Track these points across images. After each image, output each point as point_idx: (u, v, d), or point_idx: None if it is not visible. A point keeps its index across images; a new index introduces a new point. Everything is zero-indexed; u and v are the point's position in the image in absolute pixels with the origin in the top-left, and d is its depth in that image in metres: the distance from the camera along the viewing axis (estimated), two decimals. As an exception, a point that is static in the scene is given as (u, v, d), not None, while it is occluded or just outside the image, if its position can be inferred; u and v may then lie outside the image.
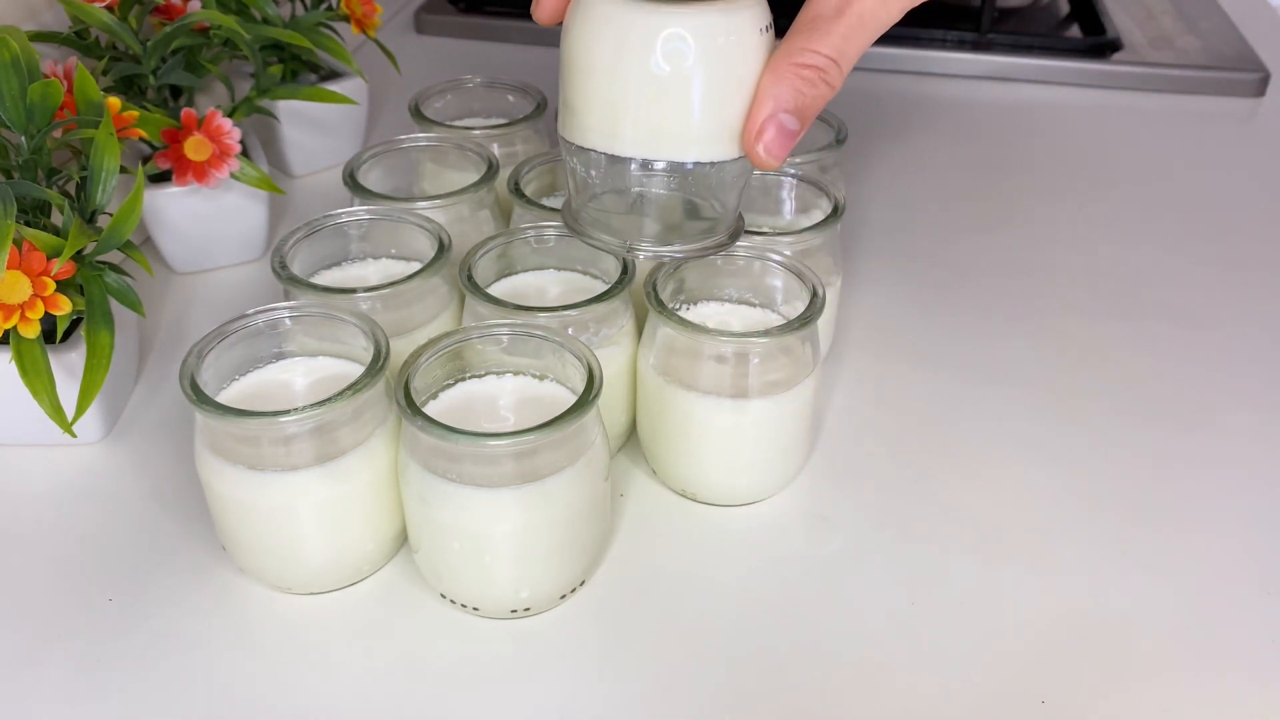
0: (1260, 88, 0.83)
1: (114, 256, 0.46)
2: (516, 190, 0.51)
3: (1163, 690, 0.39)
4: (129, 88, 0.59)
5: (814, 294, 0.44)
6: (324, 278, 0.50)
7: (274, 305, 0.43)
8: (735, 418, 0.44)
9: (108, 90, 0.55)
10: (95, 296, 0.45)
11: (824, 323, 0.53)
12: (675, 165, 0.39)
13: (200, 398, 0.38)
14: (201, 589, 0.43)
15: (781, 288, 0.47)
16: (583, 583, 0.43)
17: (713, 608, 0.42)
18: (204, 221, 0.59)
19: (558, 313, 0.43)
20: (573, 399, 0.39)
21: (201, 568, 0.44)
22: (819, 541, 0.45)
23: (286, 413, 0.38)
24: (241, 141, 0.55)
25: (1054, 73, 0.85)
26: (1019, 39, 0.87)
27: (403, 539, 0.44)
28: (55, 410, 0.44)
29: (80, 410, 0.44)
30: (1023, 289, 0.61)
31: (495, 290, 0.48)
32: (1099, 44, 0.86)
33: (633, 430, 0.49)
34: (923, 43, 0.86)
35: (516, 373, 0.44)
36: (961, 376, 0.54)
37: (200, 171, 0.54)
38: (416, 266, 0.47)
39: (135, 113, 0.49)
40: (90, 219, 0.46)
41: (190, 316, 0.58)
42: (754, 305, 0.48)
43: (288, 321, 0.44)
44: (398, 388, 0.39)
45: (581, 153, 0.40)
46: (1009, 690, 0.39)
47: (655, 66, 0.37)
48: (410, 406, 0.38)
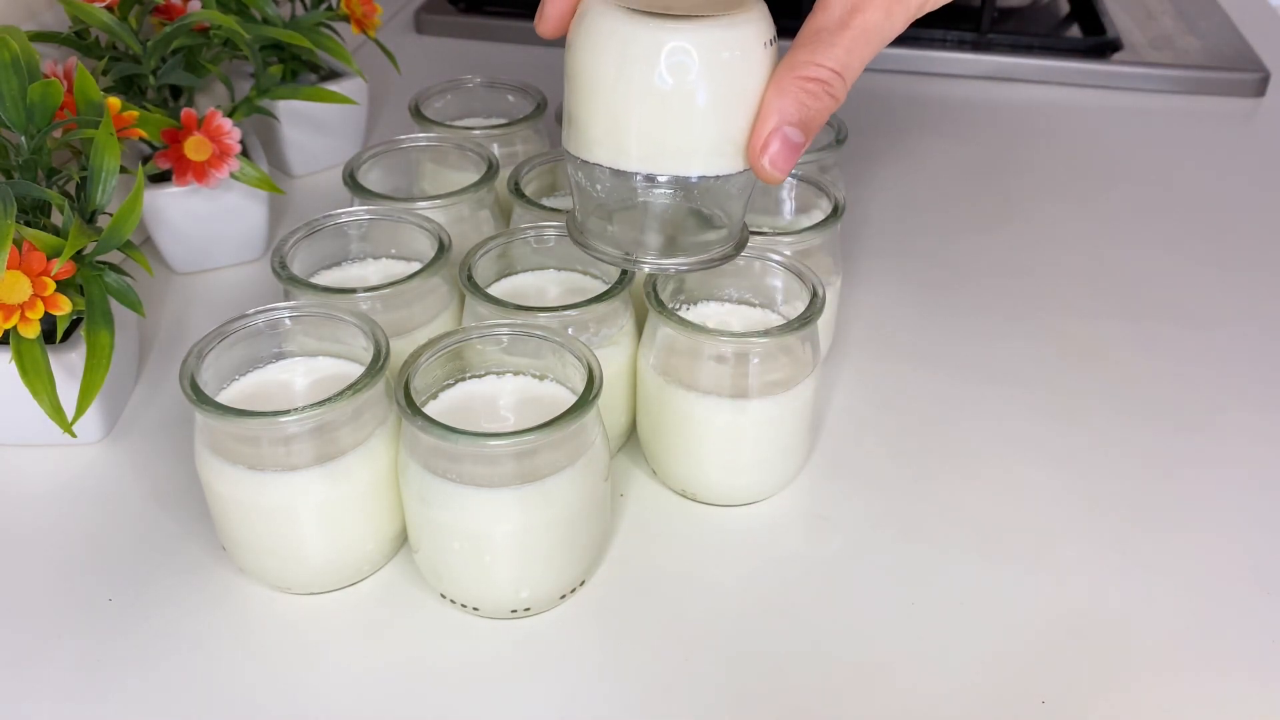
0: (1260, 88, 0.83)
1: (114, 256, 0.46)
2: (516, 190, 0.51)
3: (1163, 690, 0.39)
4: (129, 88, 0.59)
5: (814, 294, 0.44)
6: (324, 278, 0.50)
7: (274, 305, 0.43)
8: (735, 418, 0.44)
9: (108, 90, 0.55)
10: (95, 296, 0.45)
11: (824, 323, 0.53)
12: (680, 179, 0.39)
13: (200, 398, 0.38)
14: (201, 589, 0.43)
15: (781, 288, 0.47)
16: (583, 583, 0.43)
17: (713, 608, 0.42)
18: (204, 221, 0.59)
19: (558, 313, 0.43)
20: (573, 399, 0.39)
21: (201, 568, 0.44)
22: (819, 541, 0.45)
23: (286, 413, 0.38)
24: (241, 141, 0.55)
25: (1054, 73, 0.85)
26: (1019, 39, 0.87)
27: (403, 539, 0.44)
28: (55, 410, 0.44)
29: (80, 410, 0.44)
30: (1023, 289, 0.61)
31: (495, 290, 0.48)
32: (1099, 44, 0.86)
33: (633, 430, 0.49)
34: (923, 43, 0.86)
35: (516, 373, 0.44)
36: (961, 376, 0.54)
37: (200, 171, 0.54)
38: (416, 266, 0.48)
39: (135, 113, 0.49)
40: (90, 219, 0.46)
41: (190, 316, 0.58)
42: (754, 305, 0.48)
43: (288, 321, 0.44)
44: (398, 388, 0.39)
45: (586, 167, 0.40)
46: (1009, 690, 0.39)
47: (659, 81, 0.37)
48: (410, 406, 0.38)
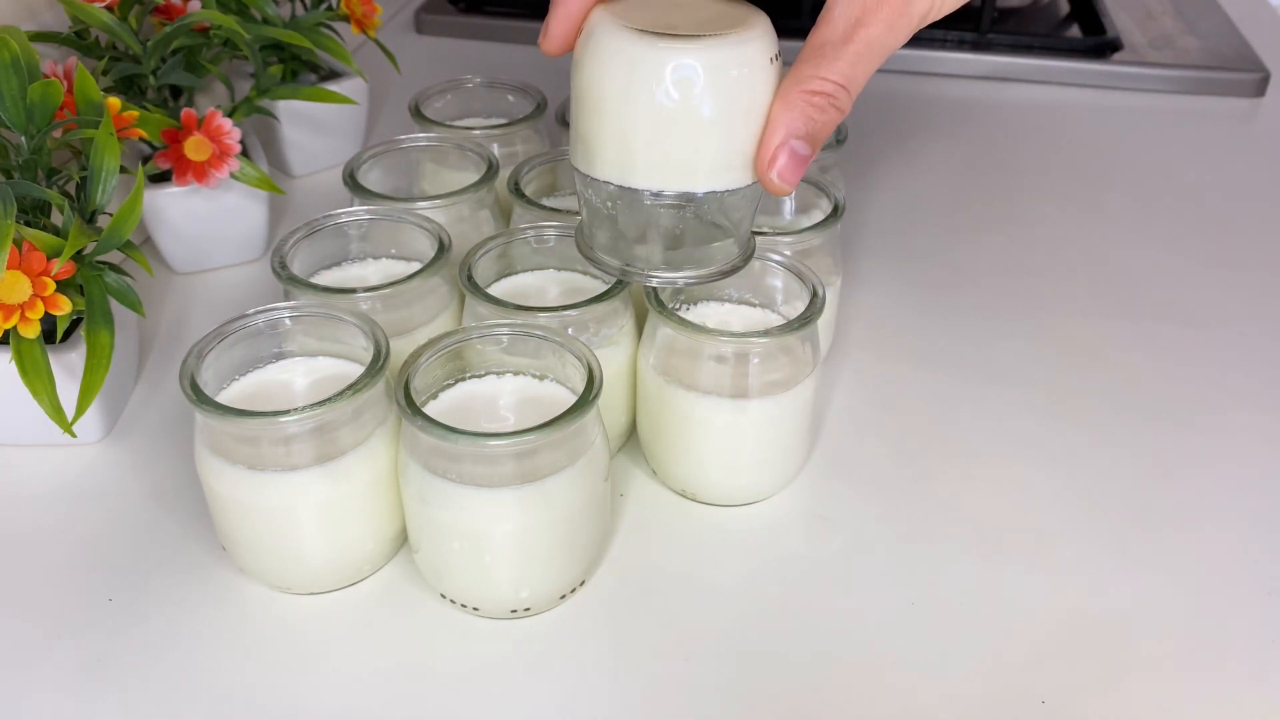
0: (1260, 88, 0.83)
1: (114, 256, 0.46)
2: (516, 190, 0.51)
3: (1163, 690, 0.39)
4: (129, 88, 0.59)
5: (814, 294, 0.44)
6: (324, 278, 0.50)
7: (274, 305, 0.43)
8: (735, 418, 0.44)
9: (108, 90, 0.55)
10: (95, 296, 0.45)
11: (824, 323, 0.53)
12: (688, 194, 0.39)
13: (200, 398, 0.38)
14: (201, 589, 0.43)
15: (781, 288, 0.47)
16: (583, 583, 0.43)
17: (713, 608, 0.42)
18: (204, 221, 0.59)
19: (558, 313, 0.43)
20: (573, 399, 0.39)
21: (201, 568, 0.44)
22: (819, 541, 0.45)
23: (286, 413, 0.38)
24: (241, 141, 0.55)
25: (1054, 73, 0.85)
26: (1019, 39, 0.87)
27: (403, 539, 0.44)
28: (55, 410, 0.44)
29: (80, 410, 0.44)
30: (1023, 289, 0.61)
31: (495, 290, 0.48)
32: (1099, 44, 0.86)
33: (633, 430, 0.49)
34: (923, 43, 0.86)
35: (516, 373, 0.44)
36: (961, 376, 0.54)
37: (200, 171, 0.54)
38: (416, 266, 0.48)
39: (135, 113, 0.49)
40: (90, 219, 0.46)
41: (190, 316, 0.58)
42: (754, 305, 0.48)
43: (288, 321, 0.44)
44: (398, 388, 0.39)
45: (595, 183, 0.40)
46: (1009, 690, 0.39)
47: (667, 100, 0.37)
48: (410, 406, 0.38)
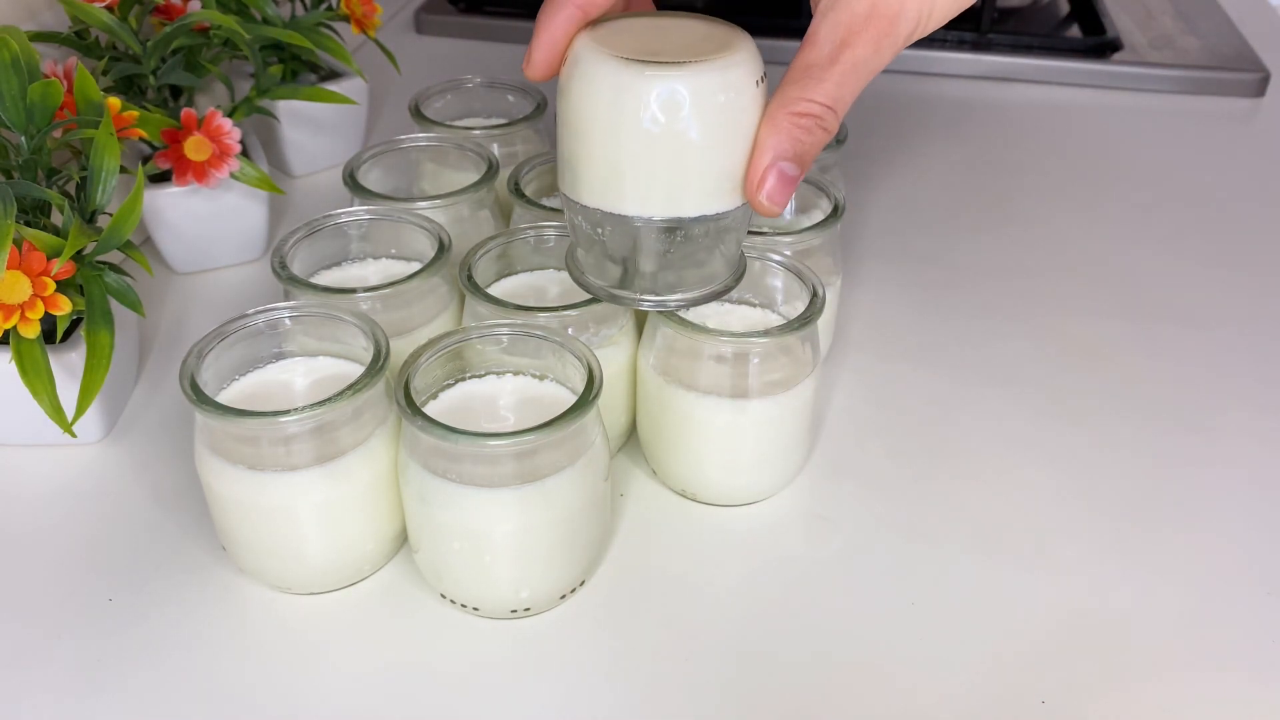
0: (1260, 88, 0.83)
1: (114, 256, 0.46)
2: (516, 190, 0.51)
3: (1163, 690, 0.39)
4: (129, 88, 0.59)
5: (814, 294, 0.44)
6: (324, 278, 0.50)
7: (274, 305, 0.43)
8: (735, 418, 0.44)
9: (108, 90, 0.55)
10: (95, 296, 0.45)
11: (824, 323, 0.53)
12: (677, 220, 0.39)
13: (200, 398, 0.38)
14: (201, 589, 0.43)
15: (781, 288, 0.47)
16: (583, 583, 0.43)
17: (713, 608, 0.42)
18: (204, 221, 0.59)
19: (558, 313, 0.43)
20: (573, 399, 0.39)
21: (201, 568, 0.44)
22: (819, 542, 0.45)
23: (286, 413, 0.38)
24: (241, 141, 0.55)
25: (1054, 73, 0.85)
26: (1019, 39, 0.87)
27: (403, 539, 0.44)
28: (55, 410, 0.44)
29: (80, 410, 0.44)
30: (1022, 289, 0.61)
31: (495, 290, 0.48)
32: (1099, 44, 0.86)
33: (633, 430, 0.49)
34: (923, 43, 0.86)
35: (516, 373, 0.44)
36: (961, 376, 0.54)
37: (200, 171, 0.54)
38: (416, 266, 0.48)
39: (135, 113, 0.49)
40: (90, 219, 0.46)
41: (190, 316, 0.58)
42: (754, 305, 0.48)
43: (288, 321, 0.44)
44: (398, 388, 0.39)
45: (584, 210, 0.40)
46: (1009, 690, 0.39)
47: (653, 126, 0.37)
48: (410, 406, 0.38)
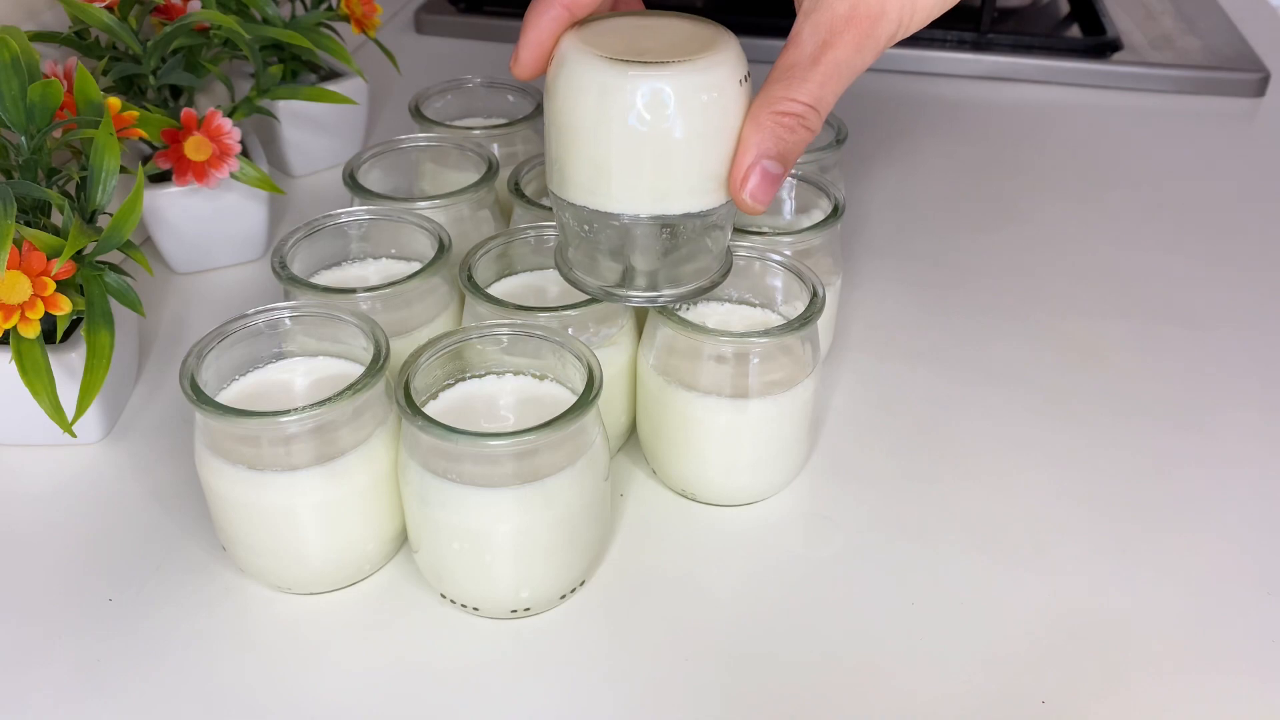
0: (1260, 88, 0.83)
1: (114, 256, 0.46)
2: (516, 190, 0.51)
3: (1163, 690, 0.39)
4: (129, 88, 0.59)
5: (814, 294, 0.44)
6: (324, 278, 0.50)
7: (274, 305, 0.43)
8: (735, 418, 0.44)
9: (108, 90, 0.55)
10: (95, 296, 0.45)
11: (824, 323, 0.53)
12: (663, 217, 0.40)
13: (200, 398, 0.38)
14: (201, 589, 0.43)
15: (781, 288, 0.47)
16: (583, 583, 0.43)
17: (713, 608, 0.42)
18: (204, 221, 0.59)
19: (558, 313, 0.43)
20: (573, 399, 0.39)
21: (201, 568, 0.44)
22: (819, 542, 0.45)
23: (286, 413, 0.38)
24: (241, 141, 0.55)
25: (1054, 73, 0.85)
26: (1019, 39, 0.87)
27: (403, 539, 0.44)
28: (55, 410, 0.44)
29: (80, 410, 0.44)
30: (1023, 289, 0.61)
31: (495, 290, 0.48)
32: (1099, 44, 0.86)
33: (633, 430, 0.49)
34: (923, 43, 0.86)
35: (516, 373, 0.44)
36: (961, 376, 0.54)
37: (200, 171, 0.54)
38: (416, 266, 0.48)
39: (135, 113, 0.49)
40: (90, 219, 0.46)
41: (190, 316, 0.58)
42: (754, 305, 0.48)
43: (288, 321, 0.44)
44: (398, 388, 0.39)
45: (572, 208, 0.41)
46: (1009, 690, 0.39)
47: (639, 125, 0.37)
48: (410, 406, 0.38)
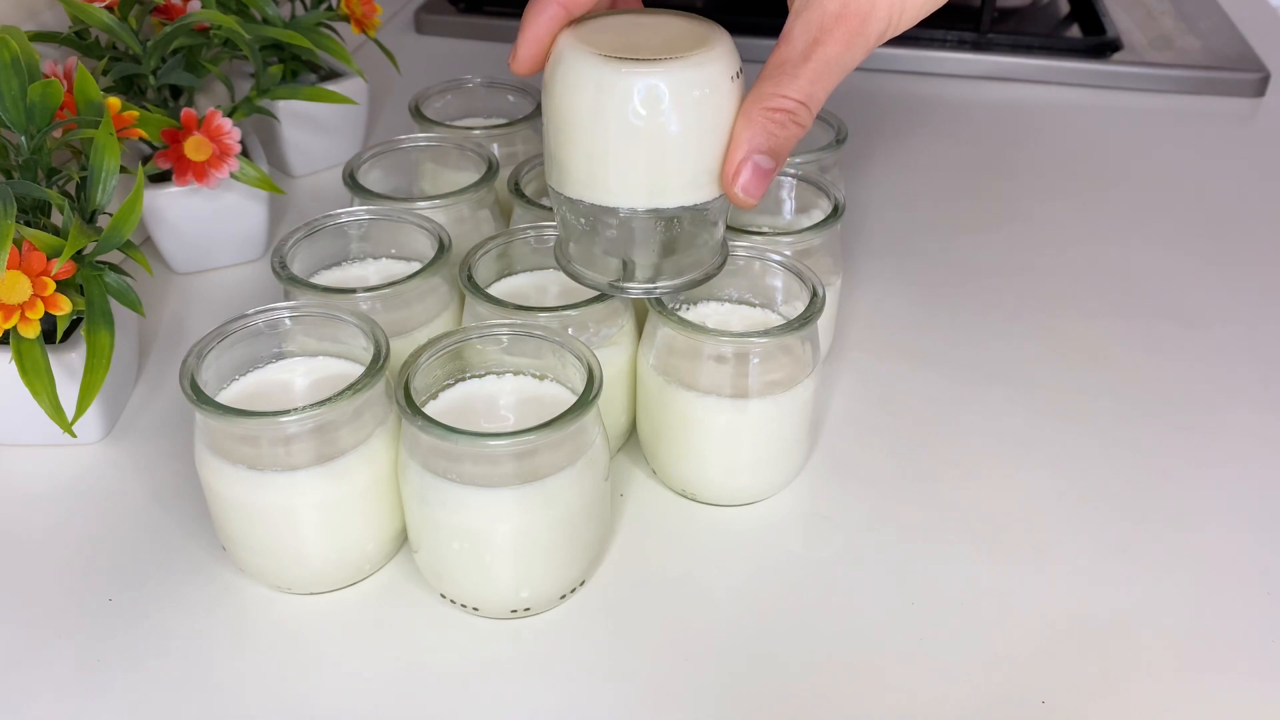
0: (1260, 88, 0.83)
1: (114, 256, 0.46)
2: (516, 190, 0.51)
3: (1163, 690, 0.39)
4: (129, 88, 0.59)
5: (814, 294, 0.44)
6: (324, 278, 0.50)
7: (274, 305, 0.43)
8: (735, 418, 0.44)
9: (108, 90, 0.55)
10: (95, 296, 0.45)
11: (824, 323, 0.53)
12: (658, 210, 0.40)
13: (200, 398, 0.38)
14: (201, 589, 0.43)
15: (781, 288, 0.47)
16: (583, 583, 0.43)
17: (713, 608, 0.42)
18: (204, 221, 0.59)
19: (558, 313, 0.43)
20: (573, 399, 0.39)
21: (201, 568, 0.44)
22: (819, 542, 0.45)
23: (286, 413, 0.38)
24: (241, 141, 0.55)
25: (1054, 73, 0.85)
26: (1019, 39, 0.87)
27: (403, 539, 0.44)
28: (55, 410, 0.44)
29: (80, 410, 0.44)
30: (1022, 289, 0.61)
31: (495, 290, 0.48)
32: (1099, 44, 0.86)
33: (633, 430, 0.49)
34: (923, 43, 0.86)
35: (516, 373, 0.44)
36: (961, 376, 0.54)
37: (200, 171, 0.54)
38: (416, 266, 0.48)
39: (135, 113, 0.49)
40: (90, 219, 0.46)
41: (190, 316, 0.58)
42: (754, 305, 0.48)
43: (288, 321, 0.44)
44: (398, 388, 0.39)
45: (570, 202, 0.41)
46: (1009, 690, 0.39)
47: (634, 121, 0.38)
48: (410, 406, 0.38)
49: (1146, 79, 0.84)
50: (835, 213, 0.50)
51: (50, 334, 0.46)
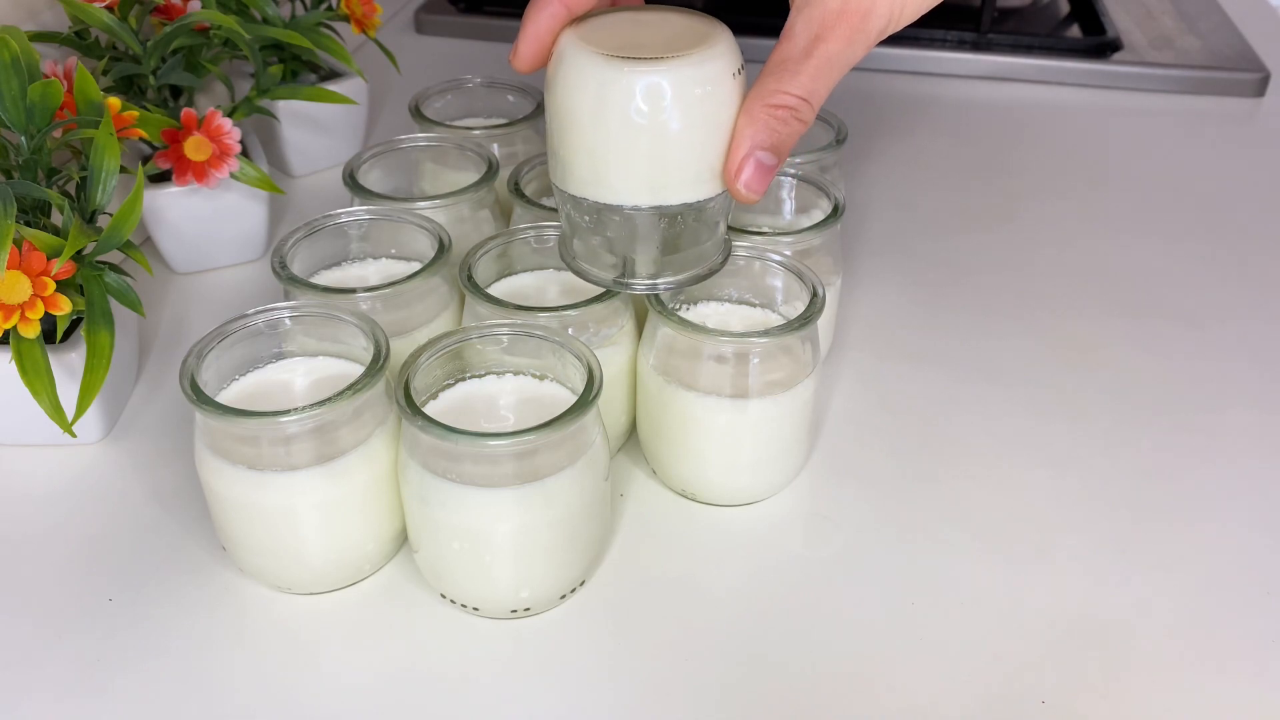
0: (1260, 88, 0.83)
1: (114, 256, 0.46)
2: (516, 190, 0.51)
3: (1163, 690, 0.39)
4: (129, 88, 0.59)
5: (814, 294, 0.44)
6: (324, 278, 0.50)
7: (274, 305, 0.43)
8: (735, 418, 0.44)
9: (108, 90, 0.55)
10: (95, 296, 0.45)
11: (824, 323, 0.53)
12: (661, 207, 0.40)
13: (200, 398, 0.38)
14: (201, 589, 0.43)
15: (781, 288, 0.47)
16: (583, 583, 0.43)
17: (713, 608, 0.42)
18: (204, 221, 0.59)
19: (558, 313, 0.43)
20: (573, 399, 0.39)
21: (201, 568, 0.44)
22: (819, 542, 0.45)
23: (286, 413, 0.38)
24: (241, 141, 0.55)
25: (1054, 73, 0.85)
26: (1019, 39, 0.87)
27: (403, 539, 0.44)
28: (55, 410, 0.44)
29: (80, 410, 0.44)
30: (1022, 288, 0.61)
31: (495, 290, 0.48)
32: (1099, 44, 0.86)
33: (633, 430, 0.49)
34: (923, 43, 0.86)
35: (516, 373, 0.44)
36: (962, 376, 0.54)
37: (200, 171, 0.54)
38: (416, 266, 0.48)
39: (135, 113, 0.49)
40: (90, 219, 0.46)
41: (190, 316, 0.58)
42: (754, 305, 0.48)
43: (288, 321, 0.44)
44: (398, 388, 0.39)
45: (573, 199, 0.41)
46: (1009, 690, 0.39)
47: (637, 119, 0.38)
48: (410, 406, 0.38)
49: (1146, 79, 0.84)
50: (835, 213, 0.50)
51: (50, 334, 0.46)
